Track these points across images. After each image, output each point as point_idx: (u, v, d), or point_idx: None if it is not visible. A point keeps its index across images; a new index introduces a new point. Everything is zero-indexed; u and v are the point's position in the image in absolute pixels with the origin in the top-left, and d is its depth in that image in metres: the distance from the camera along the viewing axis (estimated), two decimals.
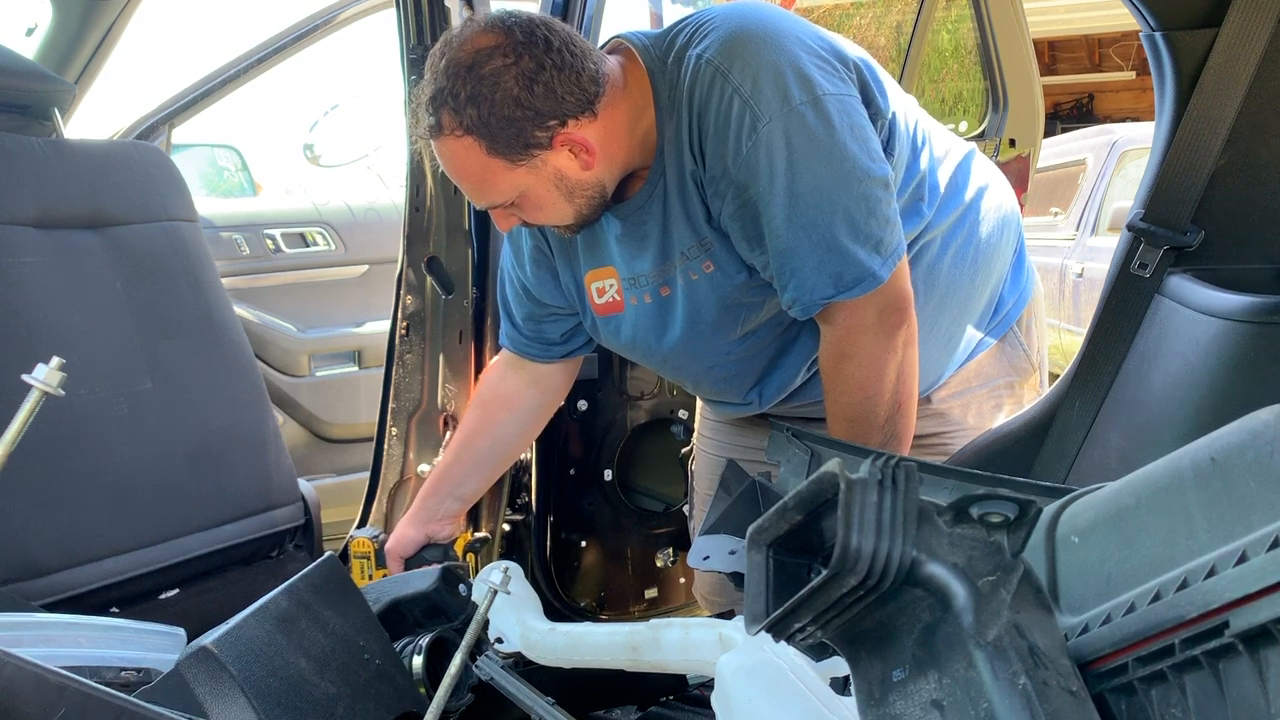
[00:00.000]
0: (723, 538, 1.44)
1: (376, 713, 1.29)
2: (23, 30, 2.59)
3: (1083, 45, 13.07)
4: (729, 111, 1.45)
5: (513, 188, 1.50)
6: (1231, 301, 1.36)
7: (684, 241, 1.58)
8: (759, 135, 1.44)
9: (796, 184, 1.45)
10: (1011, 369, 1.82)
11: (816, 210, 1.46)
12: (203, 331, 2.35)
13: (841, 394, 1.58)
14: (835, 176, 1.45)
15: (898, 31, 3.72)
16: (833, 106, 1.46)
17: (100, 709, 0.84)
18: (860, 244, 1.47)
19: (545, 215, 1.57)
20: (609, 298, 1.71)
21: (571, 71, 1.46)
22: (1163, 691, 0.66)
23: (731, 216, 1.51)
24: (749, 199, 1.48)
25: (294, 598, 1.30)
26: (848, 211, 1.46)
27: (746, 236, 1.52)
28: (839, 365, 1.57)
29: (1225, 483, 0.64)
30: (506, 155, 1.46)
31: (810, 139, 1.44)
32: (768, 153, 1.44)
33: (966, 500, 0.69)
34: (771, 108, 1.44)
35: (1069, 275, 6.58)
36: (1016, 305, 1.82)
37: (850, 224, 1.47)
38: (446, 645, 1.43)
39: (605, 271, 1.69)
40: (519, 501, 2.40)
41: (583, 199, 1.54)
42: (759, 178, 1.45)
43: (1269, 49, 1.39)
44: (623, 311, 1.70)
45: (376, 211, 3.70)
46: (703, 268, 1.59)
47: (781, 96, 1.44)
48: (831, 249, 1.47)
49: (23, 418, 0.98)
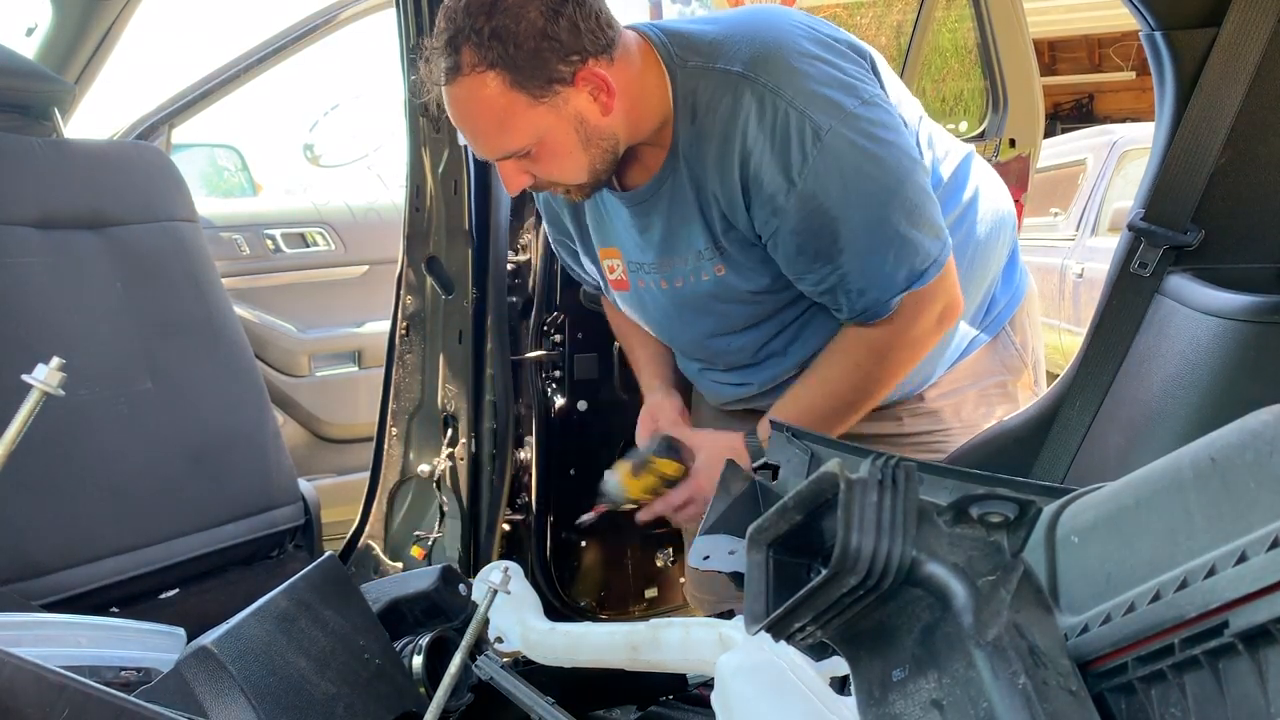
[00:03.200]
0: (723, 538, 1.44)
1: (376, 712, 1.29)
2: (23, 30, 2.59)
3: (1083, 45, 13.06)
4: (786, 125, 1.46)
5: (532, 129, 1.47)
6: (1231, 301, 1.36)
7: (697, 243, 1.59)
8: (824, 143, 1.46)
9: (869, 184, 1.48)
10: (1004, 367, 1.83)
11: (887, 207, 1.49)
12: (203, 332, 2.35)
13: (845, 383, 1.61)
14: (899, 171, 1.50)
15: (898, 32, 3.72)
16: (880, 105, 1.51)
17: (100, 708, 0.84)
18: (924, 231, 1.52)
19: (560, 166, 1.53)
20: (618, 275, 1.75)
21: (591, 10, 1.47)
22: (1162, 691, 0.66)
23: (793, 231, 1.50)
24: (819, 208, 1.48)
25: (294, 597, 1.30)
26: (910, 201, 1.51)
27: (808, 250, 1.51)
28: (877, 358, 1.59)
29: (1225, 483, 0.64)
30: (529, 90, 1.44)
31: (872, 140, 1.48)
32: (835, 159, 1.46)
33: (966, 500, 0.69)
34: (830, 115, 1.46)
35: (1069, 275, 6.57)
36: (1009, 305, 1.83)
37: (913, 213, 1.51)
38: (446, 645, 1.43)
39: (612, 252, 1.73)
40: (519, 501, 2.40)
41: (597, 150, 1.52)
42: (830, 186, 1.47)
43: (1269, 48, 1.39)
44: (629, 290, 1.75)
45: (376, 211, 3.70)
46: (714, 270, 1.61)
47: (835, 103, 1.47)
48: (905, 241, 1.51)
49: (23, 418, 0.98)
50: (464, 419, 2.37)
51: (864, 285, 1.53)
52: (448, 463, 2.41)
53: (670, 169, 1.56)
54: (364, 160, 4.26)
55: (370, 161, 4.26)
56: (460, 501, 2.40)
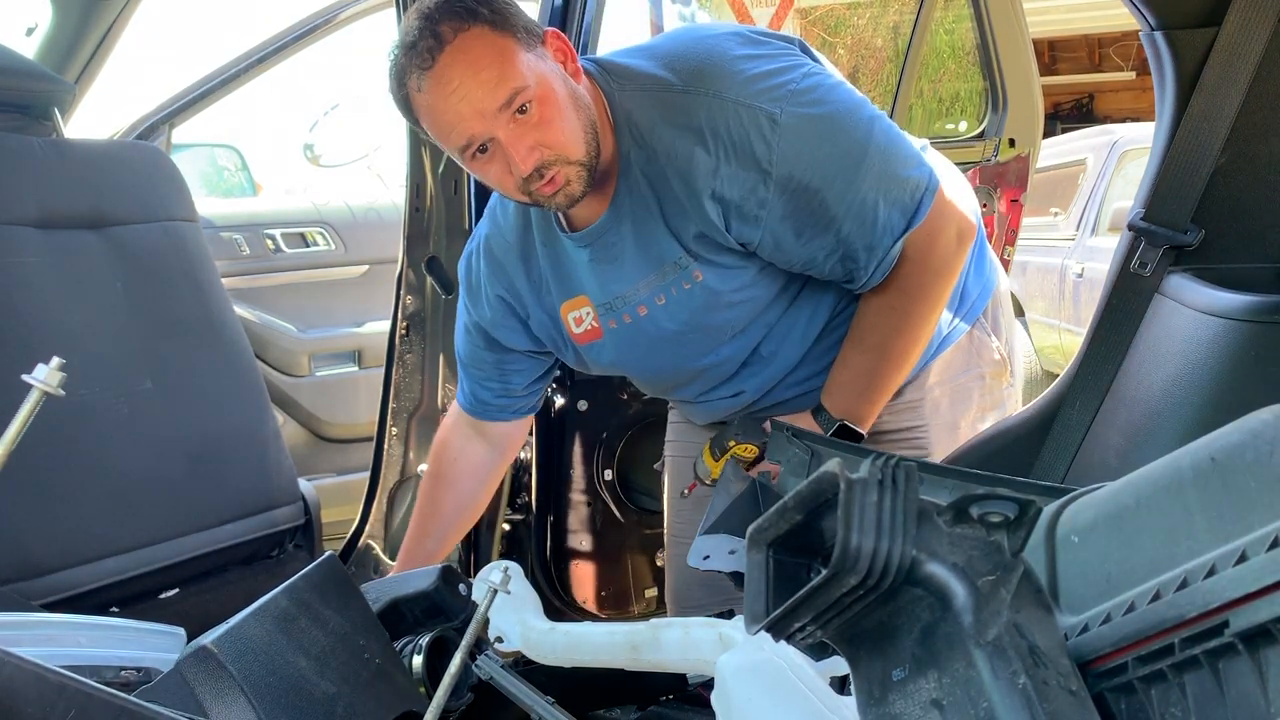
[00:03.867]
0: (723, 537, 1.44)
1: (376, 712, 1.29)
2: (23, 30, 2.59)
3: (1083, 45, 13.07)
4: (741, 124, 1.48)
5: (531, 70, 1.44)
6: (1231, 301, 1.36)
7: (671, 254, 1.59)
8: (781, 126, 1.48)
9: (836, 147, 1.51)
10: (981, 360, 1.83)
11: (863, 161, 1.51)
12: (203, 332, 2.35)
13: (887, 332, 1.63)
14: (858, 123, 1.53)
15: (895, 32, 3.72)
16: (818, 74, 1.55)
17: (100, 708, 0.84)
18: (902, 167, 1.54)
19: (562, 128, 1.46)
20: (587, 326, 1.71)
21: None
22: (1162, 691, 0.66)
23: (783, 217, 1.52)
24: (800, 186, 1.50)
25: (294, 597, 1.30)
26: (880, 146, 1.53)
27: (805, 227, 1.53)
28: (911, 296, 1.61)
29: (1225, 482, 0.64)
30: (515, 35, 1.45)
31: (823, 104, 1.51)
32: (797, 136, 1.48)
33: (966, 500, 0.69)
34: (777, 100, 1.49)
35: (1069, 275, 6.57)
36: (982, 295, 1.83)
37: (887, 154, 1.53)
38: (446, 644, 1.43)
39: (579, 301, 1.69)
40: (519, 501, 2.40)
41: (584, 117, 1.49)
42: (803, 162, 1.49)
43: (1269, 48, 1.39)
44: (601, 338, 1.71)
45: (376, 211, 3.70)
46: (694, 275, 1.60)
47: (778, 86, 1.50)
48: (889, 183, 1.53)
49: (23, 418, 0.98)
50: None
51: (869, 241, 1.54)
52: None
53: (626, 188, 1.56)
54: (364, 160, 4.27)
55: (370, 161, 4.27)
56: None
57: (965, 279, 1.79)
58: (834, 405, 1.66)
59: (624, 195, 1.56)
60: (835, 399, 1.66)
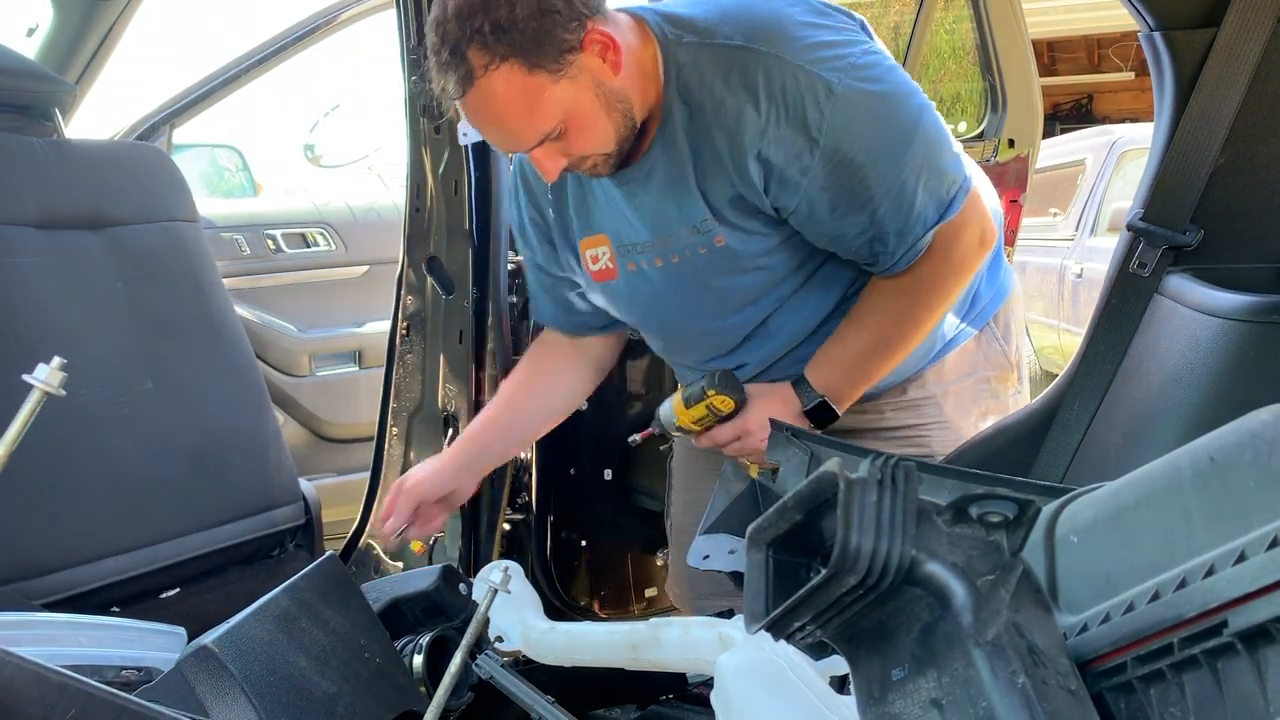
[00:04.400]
0: (723, 537, 1.45)
1: (377, 711, 1.29)
2: (23, 30, 2.60)
3: (1082, 45, 13.06)
4: (797, 88, 1.48)
5: (559, 106, 1.46)
6: (1230, 301, 1.36)
7: (694, 216, 1.59)
8: (837, 96, 1.48)
9: (887, 128, 1.52)
10: (988, 363, 1.83)
11: (909, 145, 1.52)
12: (203, 332, 2.35)
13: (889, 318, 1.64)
14: (911, 108, 1.54)
15: (896, 32, 3.72)
16: (879, 53, 1.56)
17: (101, 708, 0.84)
18: (944, 161, 1.56)
19: (589, 137, 1.51)
20: (602, 265, 1.72)
21: None
22: (1161, 690, 0.66)
23: (823, 188, 1.52)
24: (844, 160, 1.50)
25: (295, 597, 1.30)
26: (927, 136, 1.54)
27: (841, 201, 1.53)
28: (925, 288, 1.62)
29: (1224, 482, 0.64)
30: (546, 67, 1.44)
31: (880, 83, 1.52)
32: (852, 109, 1.49)
33: (966, 500, 0.69)
34: (837, 70, 1.49)
35: (1068, 275, 6.57)
36: (993, 300, 1.83)
37: (931, 146, 1.54)
38: (447, 644, 1.44)
39: (598, 239, 1.70)
40: (519, 501, 2.40)
41: (618, 114, 1.51)
42: (852, 136, 1.49)
43: (1268, 49, 1.39)
44: (616, 279, 1.72)
45: (377, 211, 3.70)
46: (714, 241, 1.60)
47: (839, 58, 1.50)
48: (930, 174, 1.54)
49: (24, 418, 0.98)
50: (464, 419, 2.37)
51: (901, 227, 1.55)
52: None
53: (662, 144, 1.56)
54: (364, 160, 4.27)
55: (370, 161, 4.27)
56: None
57: (978, 283, 1.80)
58: (818, 379, 1.66)
59: (658, 149, 1.57)
60: (821, 373, 1.66)
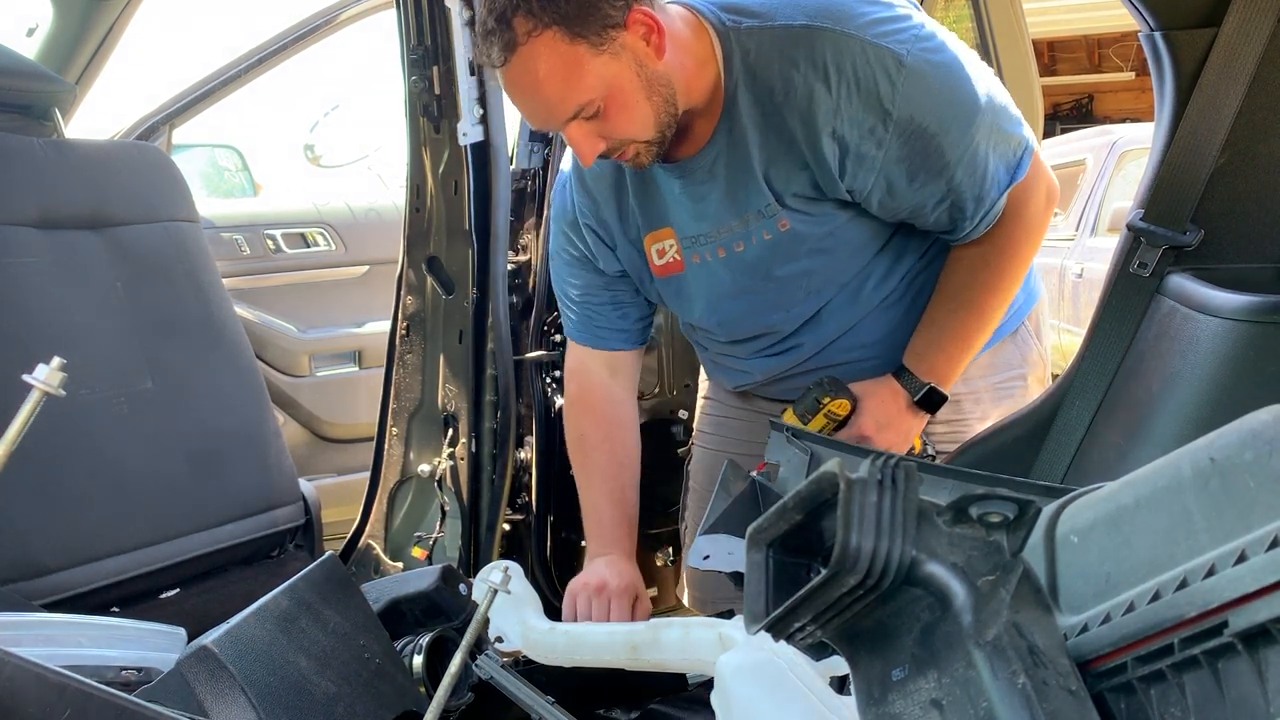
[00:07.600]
0: (723, 537, 1.45)
1: (377, 712, 1.29)
2: (23, 30, 2.60)
3: (1082, 46, 13.06)
4: (867, 61, 1.50)
5: (598, 79, 1.47)
6: (1231, 301, 1.36)
7: (757, 202, 1.59)
8: (907, 68, 1.49)
9: (957, 94, 1.53)
10: (1024, 361, 1.85)
11: (978, 111, 1.54)
12: (203, 332, 2.35)
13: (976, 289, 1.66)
14: (976, 76, 1.56)
15: None
16: (937, 26, 1.58)
17: (101, 708, 0.84)
18: (1009, 124, 1.58)
19: (628, 120, 1.51)
20: (669, 258, 1.73)
21: None
22: (1162, 691, 0.66)
23: (899, 159, 1.53)
24: (919, 129, 1.52)
25: (294, 597, 1.30)
26: (994, 101, 1.56)
27: (918, 171, 1.55)
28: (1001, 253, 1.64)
29: (1224, 482, 0.64)
30: (588, 38, 1.44)
31: (944, 53, 1.54)
32: (922, 79, 1.50)
33: (966, 500, 0.69)
34: (903, 42, 1.51)
35: (1069, 275, 6.58)
36: (1027, 301, 1.85)
37: (998, 110, 1.57)
38: (447, 644, 1.44)
39: (664, 233, 1.71)
40: (519, 501, 2.40)
41: (659, 99, 1.51)
42: (925, 105, 1.51)
43: (1269, 48, 1.39)
44: (683, 271, 1.72)
45: (377, 212, 3.70)
46: (778, 226, 1.61)
47: (903, 29, 1.52)
48: (1000, 138, 1.57)
49: (23, 418, 0.98)
50: (464, 419, 2.37)
51: (978, 192, 1.57)
52: (448, 462, 2.41)
53: (725, 132, 1.57)
54: (364, 160, 4.27)
55: (370, 161, 4.27)
56: (461, 501, 2.41)
57: None
58: (920, 366, 1.67)
59: (722, 136, 1.57)
60: (922, 360, 1.67)
